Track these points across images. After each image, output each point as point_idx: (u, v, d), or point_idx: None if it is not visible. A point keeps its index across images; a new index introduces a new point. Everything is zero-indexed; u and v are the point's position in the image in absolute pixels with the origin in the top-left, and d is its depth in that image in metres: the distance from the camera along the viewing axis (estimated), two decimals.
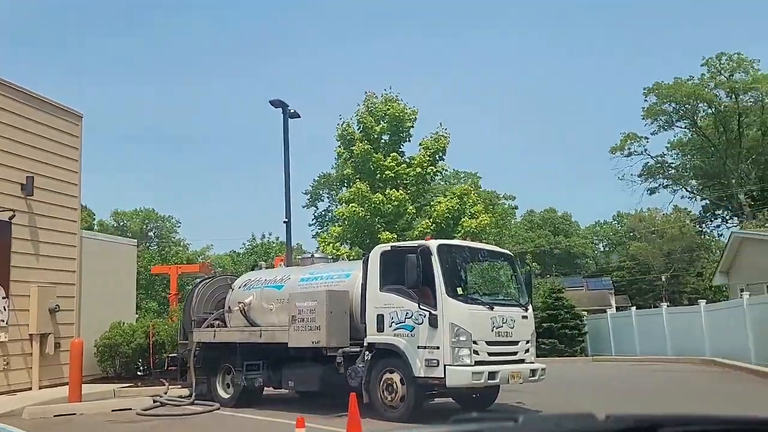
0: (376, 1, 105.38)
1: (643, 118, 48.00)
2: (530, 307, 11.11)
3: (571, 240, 72.79)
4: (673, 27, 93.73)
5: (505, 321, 10.18)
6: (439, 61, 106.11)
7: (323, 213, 56.35)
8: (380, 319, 10.31)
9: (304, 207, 58.11)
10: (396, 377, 10.03)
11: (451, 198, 23.05)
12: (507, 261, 11.77)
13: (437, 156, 23.44)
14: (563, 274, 61.86)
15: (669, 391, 13.25)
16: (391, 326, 10.18)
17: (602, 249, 79.61)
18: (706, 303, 22.01)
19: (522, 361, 10.43)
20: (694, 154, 50.38)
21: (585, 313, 29.18)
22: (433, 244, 10.33)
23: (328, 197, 56.78)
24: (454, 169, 62.34)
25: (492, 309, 10.15)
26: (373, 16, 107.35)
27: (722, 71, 44.97)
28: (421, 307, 9.77)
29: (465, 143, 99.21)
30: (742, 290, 21.76)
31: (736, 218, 47.05)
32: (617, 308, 43.42)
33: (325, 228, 45.49)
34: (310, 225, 56.74)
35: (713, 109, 46.24)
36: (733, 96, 44.53)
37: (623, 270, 62.46)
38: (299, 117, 18.77)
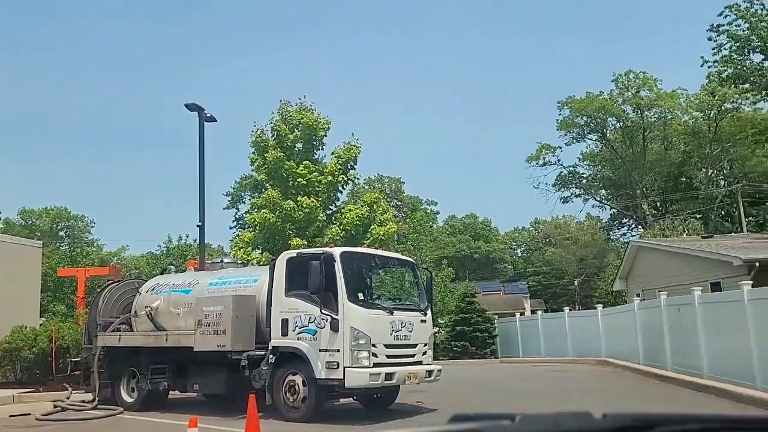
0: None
1: (557, 129, 50.20)
2: (429, 312, 11.68)
3: (490, 245, 74.87)
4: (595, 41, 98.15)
5: (404, 325, 10.70)
6: (368, 64, 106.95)
7: (243, 215, 55.69)
8: (285, 323, 10.63)
9: (225, 209, 57.20)
10: (298, 379, 10.37)
11: (361, 206, 23.62)
12: (408, 268, 12.34)
13: (349, 165, 23.92)
14: (482, 279, 63.57)
15: (556, 389, 14.18)
16: (295, 330, 10.52)
17: (520, 254, 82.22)
18: (603, 307, 23.47)
19: (420, 362, 10.98)
20: (604, 166, 53.00)
21: (496, 316, 30.35)
22: (337, 251, 10.75)
23: (249, 199, 56.12)
24: (377, 174, 63.25)
25: (392, 313, 10.63)
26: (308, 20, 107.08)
27: (630, 88, 47.56)
28: (324, 311, 10.15)
29: (388, 148, 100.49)
30: (638, 295, 23.25)
31: (640, 227, 49.87)
32: (532, 312, 45.02)
33: (245, 231, 45.04)
34: (231, 228, 55.93)
35: (621, 124, 48.88)
36: (639, 112, 47.18)
37: (539, 275, 64.80)
38: (215, 121, 18.79)
